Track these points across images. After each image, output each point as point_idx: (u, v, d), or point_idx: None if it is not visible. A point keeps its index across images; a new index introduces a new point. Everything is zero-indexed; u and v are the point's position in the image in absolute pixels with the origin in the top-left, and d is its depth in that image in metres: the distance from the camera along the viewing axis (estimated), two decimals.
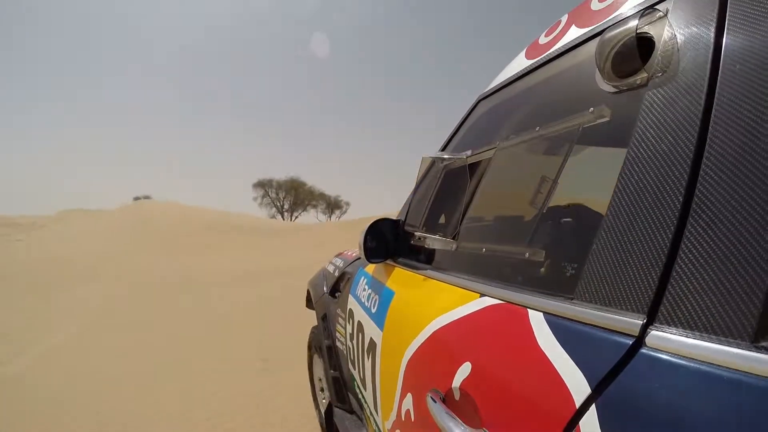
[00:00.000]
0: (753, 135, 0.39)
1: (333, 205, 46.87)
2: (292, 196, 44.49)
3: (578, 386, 0.45)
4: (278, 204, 44.65)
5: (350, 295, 1.51)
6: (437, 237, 1.08)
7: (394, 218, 1.37)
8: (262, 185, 44.21)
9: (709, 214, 0.40)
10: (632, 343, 0.43)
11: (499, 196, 0.99)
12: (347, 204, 49.11)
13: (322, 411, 2.05)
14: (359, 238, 1.30)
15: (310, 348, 2.29)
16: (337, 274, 1.87)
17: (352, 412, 1.58)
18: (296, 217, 44.38)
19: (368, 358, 1.18)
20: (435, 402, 0.69)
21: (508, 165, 0.91)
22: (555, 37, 0.81)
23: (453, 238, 0.97)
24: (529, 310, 0.60)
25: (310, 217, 46.48)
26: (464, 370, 0.66)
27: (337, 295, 1.81)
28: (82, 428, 2.55)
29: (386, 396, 1.01)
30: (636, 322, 0.43)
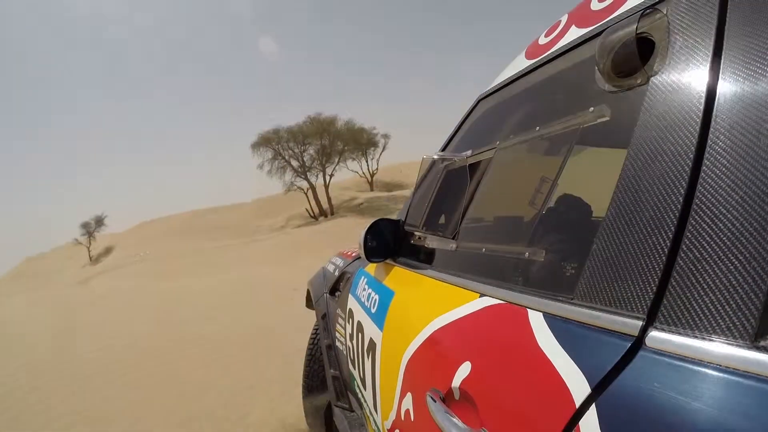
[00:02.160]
0: (753, 135, 0.39)
1: (366, 144, 34.05)
2: (319, 146, 30.53)
3: (578, 386, 0.45)
4: (300, 160, 30.30)
5: (350, 295, 1.51)
6: (437, 237, 1.08)
7: (395, 218, 1.38)
8: (267, 142, 30.19)
9: (709, 215, 0.40)
10: (632, 344, 0.43)
11: (499, 196, 0.99)
12: (386, 137, 35.31)
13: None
14: (359, 237, 1.31)
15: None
16: (337, 273, 1.87)
17: (351, 411, 1.58)
18: (331, 177, 31.27)
19: (368, 357, 1.18)
20: (434, 402, 0.69)
21: (508, 165, 0.91)
22: (555, 37, 0.81)
23: (453, 238, 0.97)
24: (528, 310, 0.60)
25: (345, 173, 34.81)
26: (464, 369, 0.66)
27: (336, 294, 1.81)
28: None
29: (386, 395, 1.01)
30: (636, 322, 0.43)
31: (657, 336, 0.41)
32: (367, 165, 37.47)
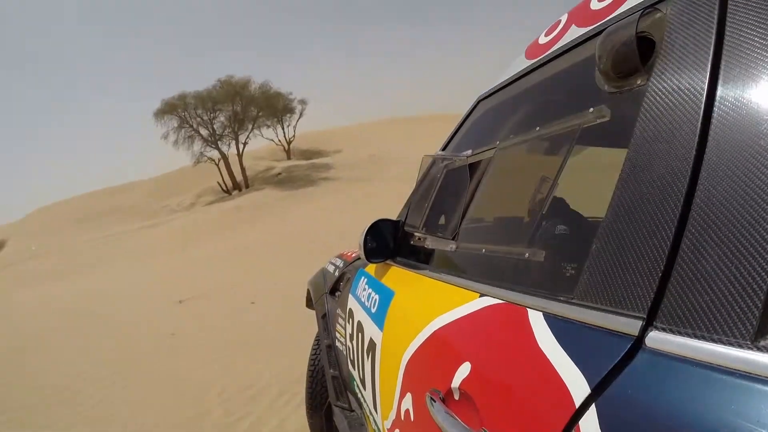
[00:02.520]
0: (753, 135, 0.39)
1: (282, 111, 30.92)
2: (230, 112, 27.41)
3: (578, 386, 0.45)
4: (209, 129, 27.03)
5: (350, 295, 1.51)
6: (437, 237, 1.08)
7: (395, 218, 1.38)
8: (173, 109, 26.81)
9: (709, 214, 0.40)
10: (632, 344, 0.42)
11: (500, 196, 0.99)
12: (303, 103, 32.09)
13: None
14: (359, 238, 1.31)
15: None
16: (336, 274, 1.87)
17: (351, 411, 1.58)
18: (244, 146, 28.30)
19: (368, 357, 1.18)
20: (434, 402, 0.69)
21: (509, 165, 0.91)
22: (555, 37, 0.81)
23: (453, 238, 0.97)
24: (528, 310, 0.60)
25: (259, 141, 31.24)
26: (464, 370, 0.66)
27: (336, 294, 1.81)
28: None
29: (386, 396, 1.01)
30: (635, 322, 0.43)
31: (657, 336, 0.41)
32: (284, 132, 33.72)
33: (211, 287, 7.19)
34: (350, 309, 1.46)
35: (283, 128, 33.12)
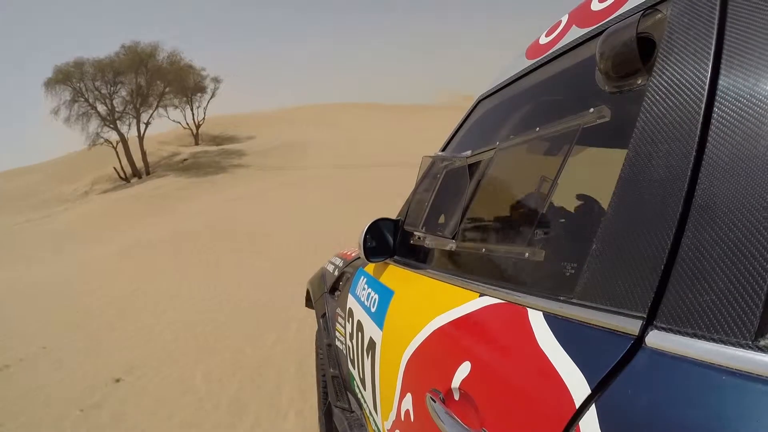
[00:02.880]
0: (753, 135, 0.39)
1: (193, 89, 27.70)
2: (134, 85, 23.56)
3: (578, 386, 0.45)
4: (108, 105, 23.26)
5: (350, 295, 1.51)
6: (437, 236, 1.08)
7: (394, 218, 1.38)
8: (67, 78, 22.62)
9: (710, 214, 0.40)
10: (632, 343, 0.43)
11: (499, 196, 0.99)
12: (216, 81, 28.91)
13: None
14: (359, 237, 1.31)
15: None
16: (336, 273, 1.87)
17: (351, 411, 1.58)
18: (147, 126, 24.61)
19: (368, 357, 1.18)
20: (434, 402, 0.69)
21: (509, 165, 0.91)
22: (555, 37, 0.81)
23: (453, 238, 0.97)
24: (528, 309, 0.60)
25: (164, 124, 27.90)
26: (464, 369, 0.66)
27: (336, 294, 1.81)
28: None
29: (386, 396, 1.01)
30: (636, 322, 0.43)
31: (657, 335, 0.41)
32: (193, 115, 29.84)
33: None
34: (350, 308, 1.46)
35: (192, 109, 29.27)
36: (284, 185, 15.00)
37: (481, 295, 0.74)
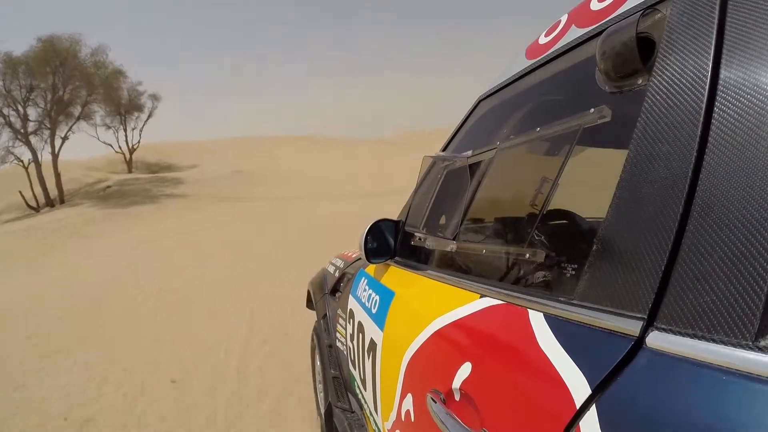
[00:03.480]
0: (753, 135, 0.39)
1: (127, 106, 23.95)
2: (49, 87, 19.32)
3: (579, 387, 0.45)
4: (20, 113, 19.01)
5: (351, 296, 1.51)
6: (438, 237, 1.08)
7: (395, 219, 1.38)
8: None
9: (710, 214, 0.40)
10: (632, 344, 0.42)
11: (500, 196, 0.99)
12: (155, 99, 25.47)
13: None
14: (359, 238, 1.31)
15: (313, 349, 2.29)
16: (337, 274, 1.88)
17: (351, 412, 1.58)
18: (64, 140, 20.27)
19: (368, 358, 1.18)
20: (435, 402, 0.69)
21: (509, 165, 0.91)
22: (555, 37, 0.81)
23: (453, 239, 0.97)
24: (529, 310, 0.60)
25: (94, 146, 23.49)
26: (464, 370, 0.66)
27: (337, 295, 1.81)
28: None
29: (386, 396, 1.01)
30: (636, 322, 0.43)
31: (658, 336, 0.41)
32: (126, 138, 25.90)
33: None
34: (351, 309, 1.46)
35: (126, 131, 25.10)
36: (230, 220, 11.97)
37: (482, 296, 0.73)
